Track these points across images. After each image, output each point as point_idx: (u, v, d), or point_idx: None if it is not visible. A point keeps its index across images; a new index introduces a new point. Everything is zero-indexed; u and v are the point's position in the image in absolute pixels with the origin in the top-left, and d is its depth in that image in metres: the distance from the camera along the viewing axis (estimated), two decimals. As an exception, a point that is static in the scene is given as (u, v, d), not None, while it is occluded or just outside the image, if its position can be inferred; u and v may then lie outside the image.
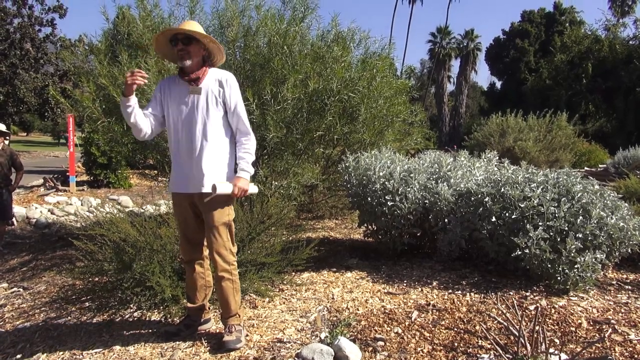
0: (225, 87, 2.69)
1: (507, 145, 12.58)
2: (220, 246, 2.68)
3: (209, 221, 2.67)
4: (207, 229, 2.70)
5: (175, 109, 2.70)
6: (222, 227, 2.67)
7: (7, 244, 6.56)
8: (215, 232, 2.66)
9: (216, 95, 2.68)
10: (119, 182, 11.53)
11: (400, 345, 2.69)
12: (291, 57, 4.59)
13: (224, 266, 2.69)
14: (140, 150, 5.06)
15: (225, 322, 2.79)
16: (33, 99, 20.41)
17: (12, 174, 6.43)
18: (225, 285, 2.72)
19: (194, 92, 2.66)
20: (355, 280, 3.83)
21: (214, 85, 2.69)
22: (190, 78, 2.66)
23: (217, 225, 2.66)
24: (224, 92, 2.69)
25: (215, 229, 2.66)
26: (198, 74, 2.67)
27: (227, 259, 2.70)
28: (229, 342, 2.67)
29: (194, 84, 2.67)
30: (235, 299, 2.76)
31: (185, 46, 2.63)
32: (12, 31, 19.72)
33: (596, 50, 26.38)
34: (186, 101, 2.68)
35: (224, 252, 2.69)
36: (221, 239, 2.68)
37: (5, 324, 3.66)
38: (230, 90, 2.71)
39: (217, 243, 2.67)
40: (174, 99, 2.71)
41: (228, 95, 2.70)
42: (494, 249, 3.69)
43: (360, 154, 4.57)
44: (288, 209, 4.12)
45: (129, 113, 2.63)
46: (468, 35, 43.72)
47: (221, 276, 2.70)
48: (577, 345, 2.61)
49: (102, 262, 3.35)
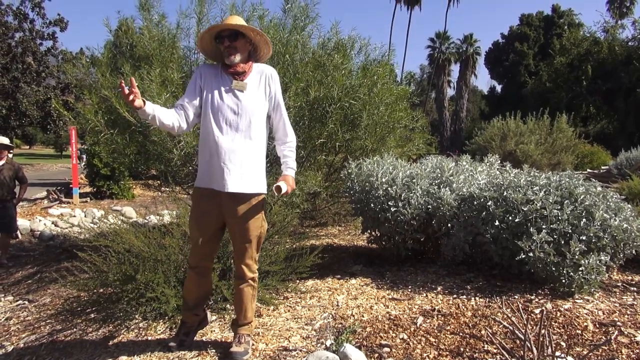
0: (271, 83, 2.61)
1: (509, 149, 12.59)
2: (249, 257, 2.63)
3: (242, 232, 2.57)
4: (240, 239, 2.60)
5: (216, 101, 2.54)
6: (255, 239, 2.61)
7: (11, 256, 6.57)
8: (247, 244, 2.59)
9: (262, 91, 2.59)
10: (122, 193, 11.56)
11: (406, 351, 2.68)
12: (293, 65, 4.62)
13: (250, 275, 2.66)
14: (143, 161, 5.08)
15: (236, 330, 2.73)
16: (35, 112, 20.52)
17: (16, 187, 6.47)
18: (247, 292, 2.68)
19: (238, 87, 2.55)
20: (359, 287, 3.82)
21: (259, 80, 2.59)
22: (236, 71, 2.55)
23: (252, 238, 2.58)
24: (269, 89, 2.61)
25: (248, 241, 2.59)
26: (244, 68, 2.57)
27: (252, 268, 2.67)
28: (237, 354, 2.59)
29: (239, 78, 2.56)
30: (252, 307, 2.74)
31: (232, 42, 2.52)
32: (13, 45, 19.85)
33: (595, 52, 26.44)
34: (229, 95, 2.55)
35: (251, 263, 2.65)
36: (252, 250, 2.62)
37: (11, 337, 3.67)
38: (276, 87, 2.63)
39: (247, 254, 2.61)
40: (215, 90, 2.56)
41: (274, 91, 2.62)
42: (497, 252, 3.69)
43: (362, 161, 4.58)
44: (291, 216, 4.13)
45: (152, 120, 2.47)
46: (467, 39, 43.91)
47: (246, 284, 2.66)
48: (583, 348, 2.61)
49: (106, 274, 3.36)
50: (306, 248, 3.94)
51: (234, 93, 2.55)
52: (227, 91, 2.55)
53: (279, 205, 4.41)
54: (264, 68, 2.65)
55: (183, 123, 2.59)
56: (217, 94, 2.55)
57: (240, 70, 2.55)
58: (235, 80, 2.55)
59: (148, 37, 4.67)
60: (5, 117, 19.96)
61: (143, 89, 4.23)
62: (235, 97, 2.54)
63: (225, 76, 2.58)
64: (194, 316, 2.89)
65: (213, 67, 2.66)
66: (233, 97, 2.55)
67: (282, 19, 5.04)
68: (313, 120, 4.80)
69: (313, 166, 5.37)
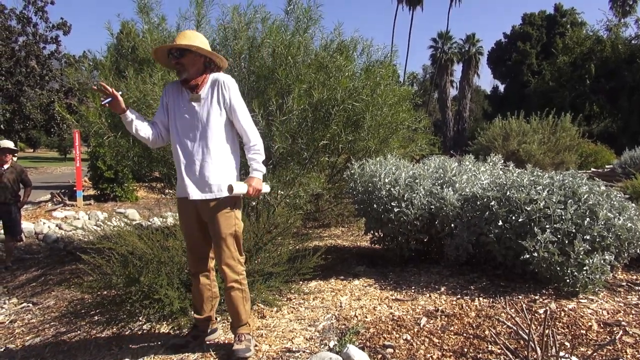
0: (223, 90, 2.67)
1: (512, 149, 12.56)
2: (229, 257, 2.67)
3: (215, 232, 2.66)
4: (214, 240, 2.69)
5: (177, 116, 2.71)
6: (229, 237, 2.66)
7: (16, 259, 6.60)
8: (222, 244, 2.66)
9: (216, 101, 2.66)
10: (125, 196, 11.59)
11: (409, 352, 2.68)
12: (295, 67, 4.62)
13: (233, 277, 2.69)
14: (147, 163, 5.10)
15: (235, 331, 2.79)
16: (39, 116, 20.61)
17: (21, 190, 6.49)
18: (235, 295, 2.71)
19: (193, 99, 2.66)
20: (362, 288, 3.82)
21: (213, 90, 2.67)
22: (190, 85, 2.67)
23: (224, 237, 2.65)
24: (222, 96, 2.67)
25: (222, 240, 2.65)
26: (197, 81, 2.67)
27: (236, 269, 2.70)
28: (239, 351, 2.67)
29: (194, 91, 2.66)
30: (245, 308, 2.76)
31: (179, 59, 2.63)
32: (17, 49, 19.95)
33: (598, 50, 26.32)
34: (187, 109, 2.68)
35: (233, 263, 2.69)
36: (229, 250, 2.67)
37: (16, 339, 3.68)
38: (229, 93, 2.68)
39: (225, 254, 2.67)
40: (176, 106, 2.72)
41: (228, 98, 2.68)
42: (501, 252, 3.68)
43: (365, 161, 4.58)
44: (294, 218, 4.13)
45: (129, 126, 2.70)
46: (469, 39, 43.84)
47: (230, 286, 2.70)
48: (587, 348, 2.60)
49: (110, 276, 3.37)
50: (309, 249, 3.94)
51: (190, 106, 2.68)
52: (185, 105, 2.69)
53: (282, 207, 4.41)
54: (218, 77, 2.71)
55: (158, 138, 2.79)
56: (177, 108, 2.72)
57: (194, 84, 2.67)
58: (192, 93, 2.68)
59: (149, 40, 4.68)
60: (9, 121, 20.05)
61: (145, 92, 4.24)
62: (191, 110, 2.67)
63: (184, 91, 2.71)
64: (205, 322, 2.96)
65: (177, 84, 2.79)
66: (190, 110, 2.68)
67: (284, 20, 5.04)
68: (316, 122, 4.80)
69: (316, 167, 5.37)
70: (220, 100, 2.67)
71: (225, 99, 2.68)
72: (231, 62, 4.67)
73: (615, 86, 24.81)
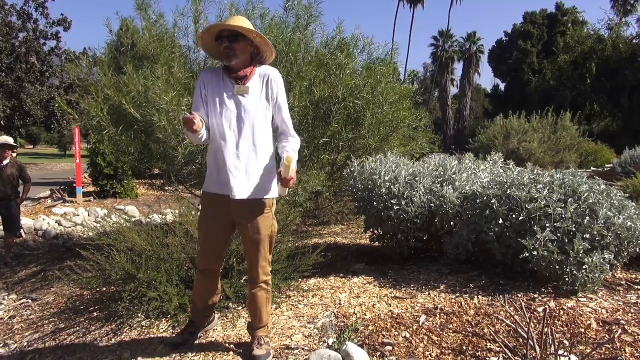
0: (273, 85, 2.53)
1: (512, 147, 12.57)
2: (263, 259, 2.58)
3: (254, 233, 2.53)
4: (251, 242, 2.56)
5: (220, 108, 2.51)
6: (266, 238, 2.56)
7: (15, 256, 6.60)
8: (260, 245, 2.55)
9: (265, 96, 2.53)
10: (125, 192, 11.59)
11: (408, 350, 2.68)
12: (296, 64, 4.60)
13: (264, 278, 2.62)
14: (147, 160, 5.09)
15: (253, 333, 2.72)
16: (39, 112, 20.56)
17: (20, 187, 6.49)
18: (261, 296, 2.64)
19: (240, 92, 2.49)
20: (362, 286, 3.82)
21: (262, 83, 2.53)
22: (238, 76, 2.49)
23: (263, 238, 2.54)
24: (272, 91, 2.53)
25: (260, 242, 2.54)
26: (246, 72, 2.50)
27: (266, 270, 2.63)
28: (261, 357, 2.57)
29: (241, 83, 2.50)
30: (267, 310, 2.70)
31: (231, 44, 2.44)
32: (17, 45, 19.89)
33: (600, 50, 26.33)
34: (232, 101, 2.50)
35: (265, 264, 2.61)
36: (264, 251, 2.57)
37: (15, 336, 3.68)
38: (278, 88, 2.55)
39: (260, 256, 2.57)
40: (218, 97, 2.52)
41: (276, 93, 2.54)
42: (501, 251, 3.68)
43: (365, 159, 4.58)
44: (294, 215, 4.12)
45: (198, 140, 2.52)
46: (470, 38, 43.80)
47: (259, 287, 2.62)
48: (587, 347, 2.60)
49: (109, 272, 3.37)
50: (309, 247, 3.93)
51: (236, 98, 2.50)
52: (230, 97, 2.51)
53: (282, 205, 4.41)
54: (267, 70, 2.58)
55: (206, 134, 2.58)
56: (220, 100, 2.51)
57: (242, 74, 2.50)
58: (238, 85, 2.50)
59: (148, 36, 4.67)
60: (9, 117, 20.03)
61: (147, 87, 4.24)
62: (238, 103, 2.50)
63: (228, 81, 2.53)
64: (204, 318, 2.92)
65: (215, 72, 2.60)
66: (236, 103, 2.50)
67: (283, 17, 5.03)
68: (317, 120, 4.79)
69: (316, 165, 5.37)
70: (270, 95, 2.54)
71: (274, 94, 2.54)
72: None
73: (616, 85, 24.82)
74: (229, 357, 2.74)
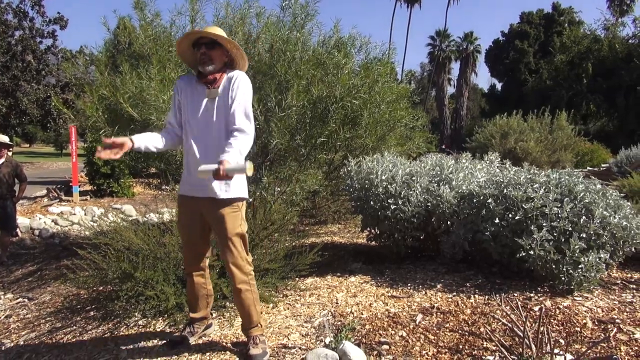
0: (233, 84, 2.56)
1: (509, 147, 12.61)
2: (237, 258, 2.61)
3: (222, 232, 2.59)
4: (221, 242, 2.62)
5: (192, 112, 2.62)
6: (235, 237, 2.60)
7: (11, 255, 6.58)
8: (230, 244, 2.58)
9: (228, 97, 2.55)
10: (122, 191, 11.55)
11: (405, 349, 2.69)
12: (294, 62, 4.60)
13: (243, 278, 2.63)
14: (144, 159, 5.08)
15: (247, 333, 2.74)
16: (35, 111, 20.47)
17: (16, 185, 6.47)
18: (245, 297, 2.65)
19: (211, 95, 2.57)
20: (359, 285, 3.83)
21: (227, 86, 2.58)
22: (207, 80, 2.59)
23: (231, 237, 2.58)
24: (232, 89, 2.56)
25: (230, 241, 2.58)
26: (215, 76, 2.59)
27: (245, 269, 2.64)
28: (257, 357, 2.60)
29: (211, 87, 2.58)
30: (256, 309, 2.71)
31: (208, 50, 2.55)
32: (13, 43, 19.80)
33: (596, 49, 26.41)
34: (203, 105, 2.59)
35: (241, 264, 2.63)
36: (236, 250, 2.60)
37: (11, 335, 3.67)
38: (238, 84, 2.56)
39: (233, 255, 2.60)
40: (190, 102, 2.63)
41: (235, 89, 2.55)
42: (497, 250, 3.69)
43: (362, 159, 4.58)
44: (291, 214, 4.13)
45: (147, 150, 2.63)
46: (467, 37, 43.87)
47: (240, 288, 2.63)
48: (582, 346, 2.61)
49: (106, 271, 3.36)
50: (306, 246, 3.94)
51: (207, 102, 2.60)
52: (201, 101, 2.61)
53: (279, 204, 4.41)
54: (234, 73, 2.63)
55: (175, 140, 2.72)
56: (192, 104, 2.63)
57: (212, 78, 2.59)
58: (209, 89, 2.59)
59: (144, 36, 4.66)
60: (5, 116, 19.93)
61: (141, 88, 4.23)
62: (208, 106, 2.60)
63: (199, 86, 2.63)
64: (201, 318, 2.95)
65: (189, 78, 2.72)
66: (206, 106, 2.60)
67: (280, 16, 5.02)
68: (314, 119, 4.79)
69: (313, 165, 5.37)
70: (231, 94, 2.56)
71: (233, 91, 2.55)
72: None
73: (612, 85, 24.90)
74: (225, 356, 2.75)
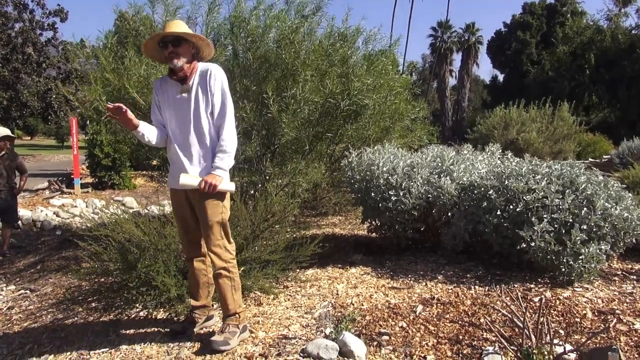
0: (210, 79, 2.65)
1: (511, 137, 12.58)
2: (214, 244, 2.68)
3: (203, 219, 2.68)
4: (202, 228, 2.71)
5: (169, 110, 2.73)
6: (215, 224, 2.67)
7: (13, 247, 6.60)
8: (209, 230, 2.67)
9: (202, 91, 2.65)
10: (123, 184, 11.57)
11: (405, 339, 2.70)
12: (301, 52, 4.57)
13: (220, 264, 2.69)
14: (145, 150, 5.07)
15: (224, 320, 2.78)
16: (36, 103, 20.43)
17: (17, 178, 6.47)
18: (223, 283, 2.70)
19: (184, 91, 2.67)
20: (359, 276, 3.83)
21: (201, 80, 2.67)
22: (179, 77, 2.67)
23: (211, 224, 2.66)
24: (209, 85, 2.65)
25: (208, 227, 2.67)
26: (186, 72, 2.67)
27: (223, 256, 2.69)
28: (215, 343, 2.64)
29: (184, 83, 2.67)
30: (233, 298, 2.73)
31: (175, 47, 2.63)
32: (13, 36, 19.72)
33: (598, 40, 26.24)
34: (177, 101, 2.69)
35: (219, 250, 2.69)
36: (214, 236, 2.67)
37: (13, 326, 3.69)
38: (214, 81, 2.65)
39: (211, 241, 2.68)
40: (167, 101, 2.73)
41: (211, 86, 2.65)
42: (498, 242, 3.69)
43: (363, 150, 4.57)
44: (292, 206, 4.12)
45: (142, 139, 2.74)
46: (469, 28, 43.52)
47: (218, 273, 2.70)
48: (582, 336, 2.61)
49: (107, 263, 3.37)
50: (306, 237, 3.94)
51: (181, 98, 2.68)
52: (175, 97, 2.70)
53: (280, 196, 4.40)
54: (207, 66, 2.71)
55: (165, 137, 2.82)
56: (168, 102, 2.73)
57: (183, 75, 2.67)
58: (181, 86, 2.68)
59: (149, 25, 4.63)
60: (6, 108, 19.91)
61: (148, 74, 4.22)
62: (182, 102, 2.68)
63: (173, 83, 2.71)
64: (202, 307, 2.97)
65: (163, 78, 2.82)
66: (180, 102, 2.69)
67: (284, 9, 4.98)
68: (322, 115, 4.79)
69: (316, 158, 5.35)
70: (207, 89, 2.65)
71: (211, 87, 2.65)
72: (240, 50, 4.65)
73: (615, 76, 24.77)
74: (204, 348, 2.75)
